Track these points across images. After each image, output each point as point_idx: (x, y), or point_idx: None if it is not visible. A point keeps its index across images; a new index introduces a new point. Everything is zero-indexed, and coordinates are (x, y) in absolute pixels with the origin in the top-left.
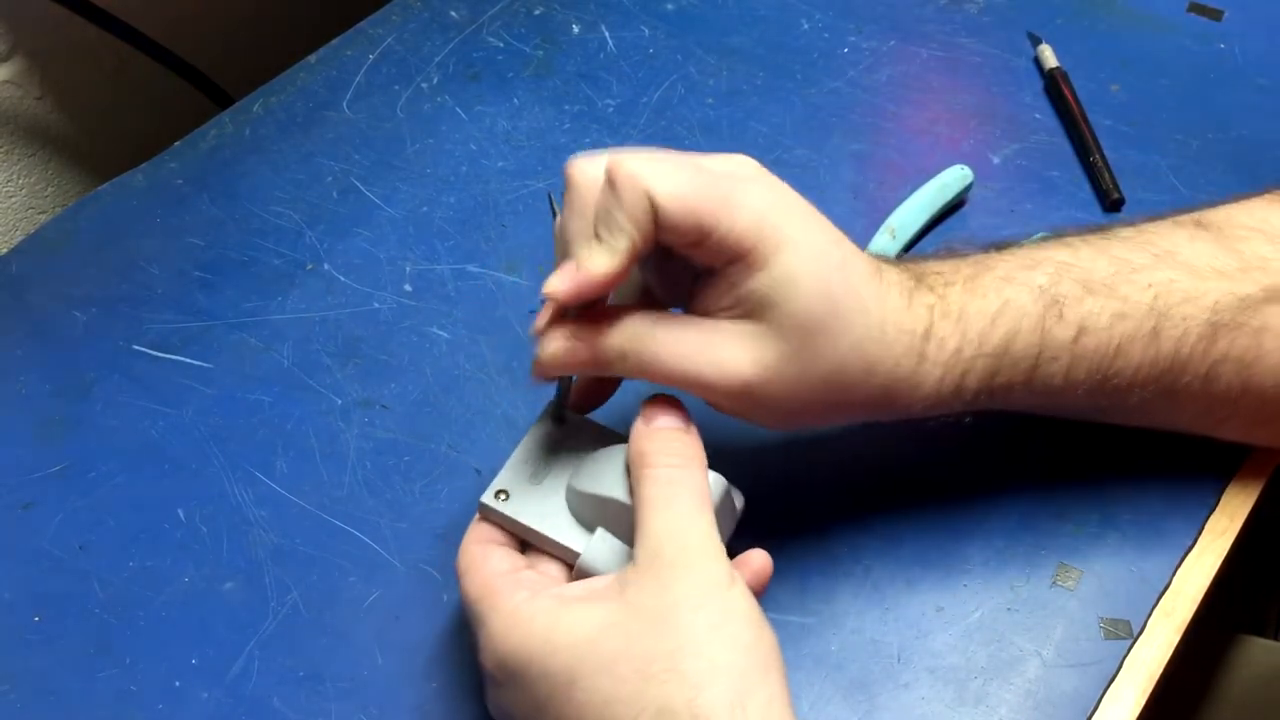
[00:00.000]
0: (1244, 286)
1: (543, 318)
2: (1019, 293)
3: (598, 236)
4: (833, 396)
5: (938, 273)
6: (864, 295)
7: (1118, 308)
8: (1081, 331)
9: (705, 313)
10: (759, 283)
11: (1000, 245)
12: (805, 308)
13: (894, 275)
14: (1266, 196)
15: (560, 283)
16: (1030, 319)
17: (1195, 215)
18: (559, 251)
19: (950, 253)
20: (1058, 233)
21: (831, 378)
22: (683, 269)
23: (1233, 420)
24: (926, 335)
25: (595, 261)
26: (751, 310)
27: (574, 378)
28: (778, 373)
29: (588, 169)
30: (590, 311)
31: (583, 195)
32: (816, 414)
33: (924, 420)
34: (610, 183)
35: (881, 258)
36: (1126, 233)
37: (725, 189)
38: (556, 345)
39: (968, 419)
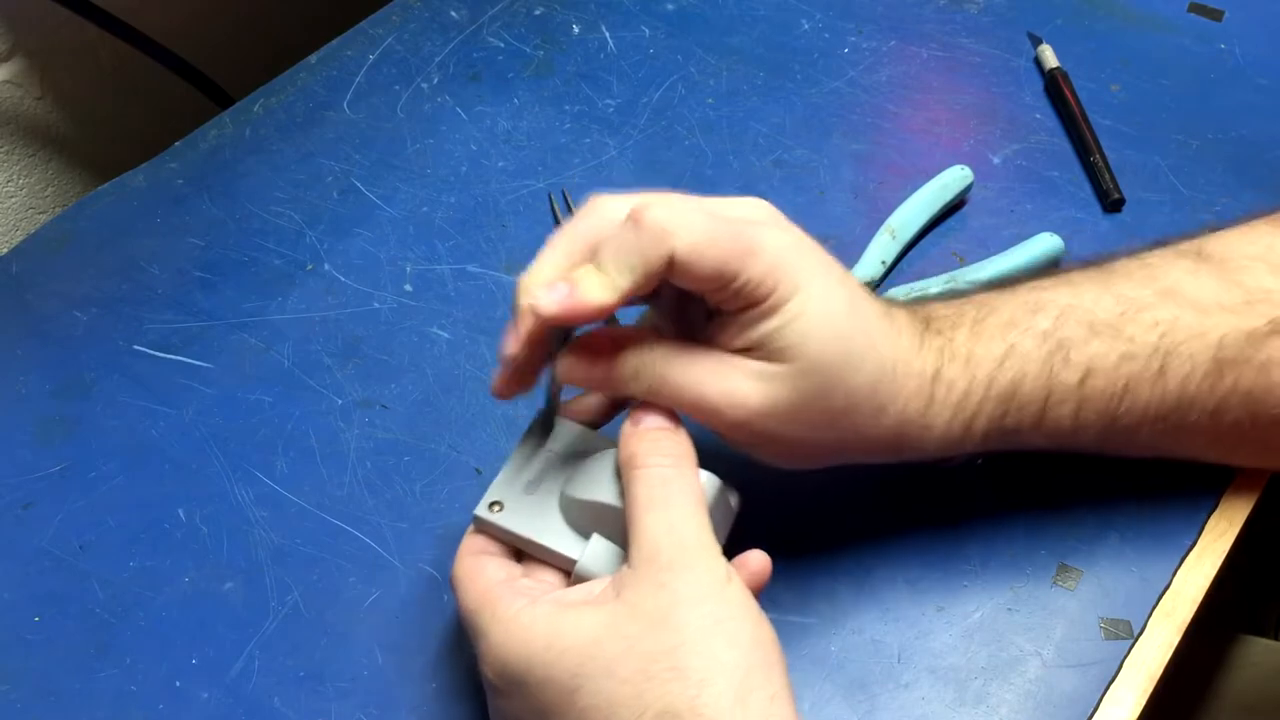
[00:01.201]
0: (1249, 321)
1: (514, 340)
2: (1023, 338)
3: (601, 267)
4: (843, 436)
5: (944, 316)
6: (875, 337)
7: (1124, 349)
8: (1088, 374)
9: (720, 348)
10: (773, 326)
11: (1006, 282)
12: (819, 351)
13: (903, 318)
14: (1268, 220)
15: (548, 298)
16: (1036, 363)
17: (1197, 243)
18: (538, 258)
19: (954, 294)
20: (1061, 270)
21: (843, 418)
22: (696, 310)
23: (1241, 450)
24: (936, 377)
25: (592, 291)
26: (766, 351)
27: (562, 388)
28: (789, 409)
29: (608, 206)
30: (607, 331)
31: (586, 223)
32: (826, 453)
33: (937, 463)
34: (635, 224)
35: (889, 300)
36: (1129, 267)
37: (746, 238)
38: (571, 360)
39: (979, 460)
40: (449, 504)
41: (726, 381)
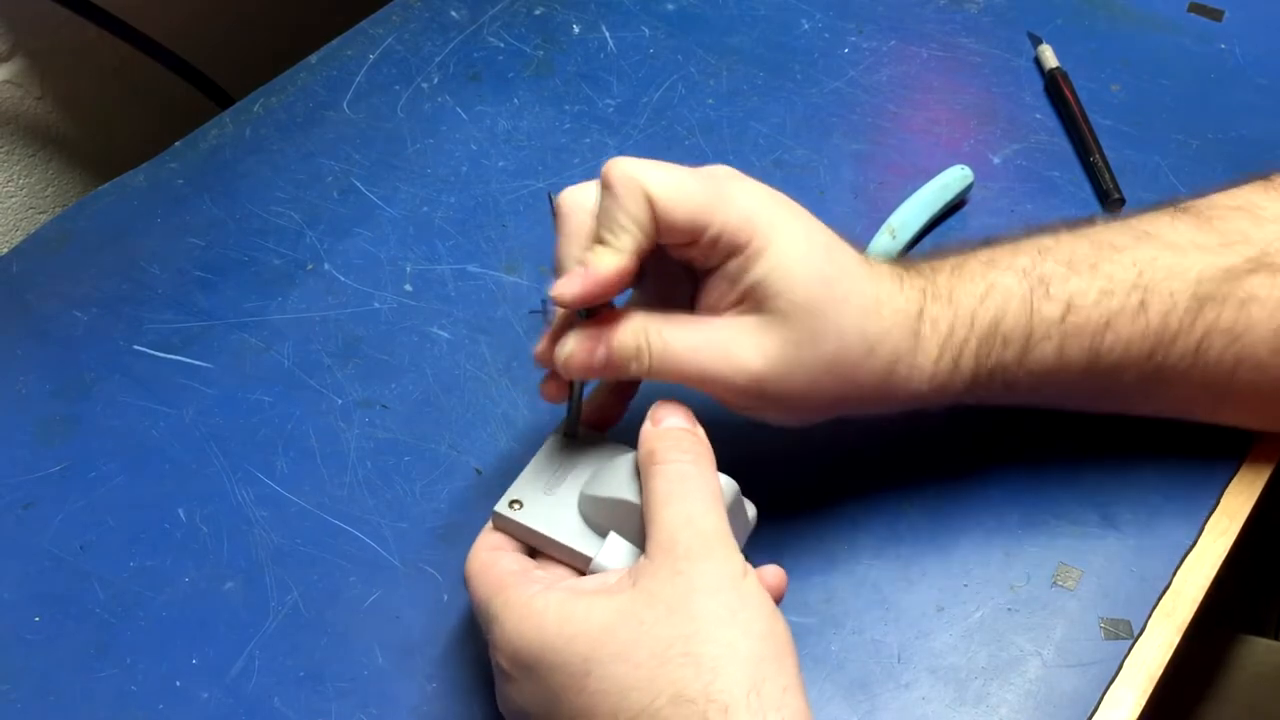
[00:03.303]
0: (1226, 258)
1: (546, 339)
2: (1004, 275)
3: (602, 240)
4: (839, 381)
5: (924, 262)
6: (857, 276)
7: (1103, 285)
8: (1069, 309)
9: (710, 314)
10: (757, 273)
11: (986, 241)
12: (804, 290)
13: (882, 264)
14: (1249, 184)
15: (568, 286)
16: (1017, 299)
17: (1175, 204)
18: (558, 275)
19: (936, 251)
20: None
21: (835, 359)
22: (682, 281)
23: (1229, 401)
24: (920, 315)
25: (603, 262)
26: (754, 302)
27: (584, 395)
28: (784, 360)
29: (575, 195)
30: (601, 315)
31: (571, 220)
32: (825, 402)
33: (932, 410)
34: (607, 185)
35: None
36: (1106, 223)
37: (716, 185)
38: (573, 346)
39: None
40: (449, 504)
41: (724, 346)
